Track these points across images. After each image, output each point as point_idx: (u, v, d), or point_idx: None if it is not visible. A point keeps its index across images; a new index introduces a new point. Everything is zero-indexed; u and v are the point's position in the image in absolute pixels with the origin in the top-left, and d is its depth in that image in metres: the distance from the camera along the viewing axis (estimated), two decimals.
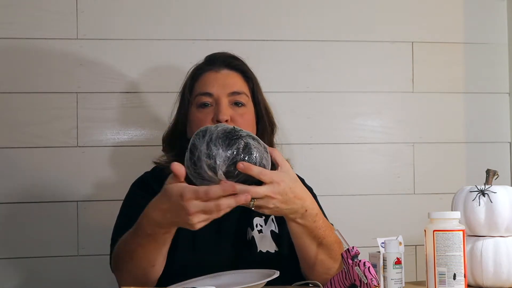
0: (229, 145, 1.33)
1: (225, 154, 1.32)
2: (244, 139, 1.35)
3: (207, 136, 1.35)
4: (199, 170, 1.33)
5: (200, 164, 1.33)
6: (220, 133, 1.35)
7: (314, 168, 2.21)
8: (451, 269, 1.43)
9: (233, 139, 1.34)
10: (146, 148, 2.12)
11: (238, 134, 1.35)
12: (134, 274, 1.49)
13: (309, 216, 1.47)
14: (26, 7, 2.12)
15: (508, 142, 2.35)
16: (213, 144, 1.33)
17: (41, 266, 2.09)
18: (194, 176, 1.35)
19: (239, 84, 1.72)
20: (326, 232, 1.53)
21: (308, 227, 1.49)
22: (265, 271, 1.46)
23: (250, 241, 1.66)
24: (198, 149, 1.33)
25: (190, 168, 1.35)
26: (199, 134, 1.36)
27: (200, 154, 1.33)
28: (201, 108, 1.69)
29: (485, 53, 2.35)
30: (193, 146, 1.35)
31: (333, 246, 1.55)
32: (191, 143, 1.36)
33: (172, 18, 2.19)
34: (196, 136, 1.36)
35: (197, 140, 1.35)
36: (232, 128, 1.36)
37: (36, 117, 2.11)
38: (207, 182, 1.34)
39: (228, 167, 1.32)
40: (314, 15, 2.26)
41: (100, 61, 2.14)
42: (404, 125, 2.31)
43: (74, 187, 2.11)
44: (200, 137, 1.35)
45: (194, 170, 1.34)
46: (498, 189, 1.57)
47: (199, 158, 1.33)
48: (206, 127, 1.38)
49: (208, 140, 1.34)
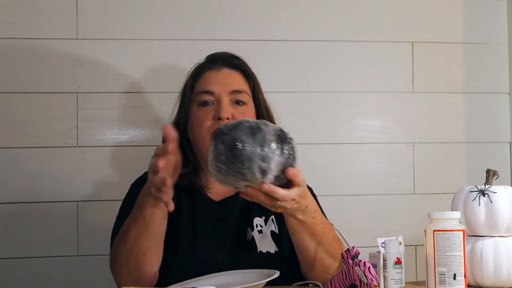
0: (282, 150, 1.29)
1: (279, 160, 1.29)
2: (292, 142, 1.31)
3: (258, 135, 1.28)
4: (245, 170, 1.27)
5: (250, 165, 1.26)
6: (272, 134, 1.29)
7: (314, 168, 2.21)
8: (451, 269, 1.43)
9: (284, 142, 1.30)
10: (146, 148, 2.12)
11: (287, 137, 1.31)
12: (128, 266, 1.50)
13: (308, 212, 1.48)
14: (26, 7, 2.12)
15: (508, 142, 2.35)
16: (267, 147, 1.27)
17: (41, 266, 2.09)
18: (230, 173, 1.28)
19: (240, 83, 1.73)
20: (325, 229, 1.53)
21: (307, 222, 1.49)
22: (265, 271, 1.46)
23: (250, 241, 1.66)
24: (248, 147, 1.26)
25: (229, 166, 1.27)
26: (245, 130, 1.28)
27: (251, 155, 1.26)
28: (202, 106, 1.69)
29: (485, 53, 2.35)
30: (240, 143, 1.26)
31: (332, 244, 1.55)
32: (235, 139, 1.27)
33: (172, 18, 2.19)
34: (241, 132, 1.28)
35: (245, 137, 1.27)
36: (280, 129, 1.32)
37: (36, 117, 2.11)
38: (240, 182, 1.30)
39: (279, 172, 1.30)
40: (314, 15, 2.26)
41: (100, 61, 2.14)
42: (404, 125, 2.31)
43: (74, 187, 2.11)
44: (248, 134, 1.27)
45: (237, 169, 1.27)
46: (498, 189, 1.58)
47: (249, 159, 1.26)
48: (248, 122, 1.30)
49: (261, 140, 1.27)
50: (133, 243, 1.49)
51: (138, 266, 1.50)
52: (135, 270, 1.51)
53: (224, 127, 1.32)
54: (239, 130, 1.28)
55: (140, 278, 1.51)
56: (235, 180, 1.30)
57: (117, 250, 1.54)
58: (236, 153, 1.26)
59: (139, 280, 1.51)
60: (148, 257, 1.50)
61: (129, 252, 1.50)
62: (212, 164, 1.31)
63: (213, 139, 1.32)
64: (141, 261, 1.50)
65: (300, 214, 1.47)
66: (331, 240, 1.55)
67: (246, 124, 1.30)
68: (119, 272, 1.54)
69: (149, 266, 1.51)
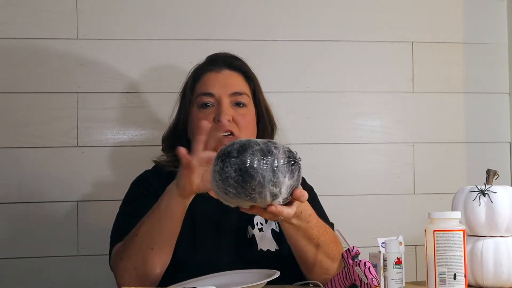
0: (291, 172, 1.26)
1: (289, 183, 1.26)
2: (299, 163, 1.29)
3: (269, 158, 1.24)
4: (255, 195, 1.24)
5: (261, 190, 1.23)
6: (282, 156, 1.25)
7: (314, 168, 2.21)
8: (452, 269, 1.43)
9: (294, 165, 1.27)
10: (146, 148, 2.12)
11: (296, 158, 1.28)
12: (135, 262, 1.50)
13: (303, 217, 1.47)
14: (26, 7, 2.12)
15: (508, 142, 2.35)
16: (279, 171, 1.24)
17: (41, 266, 2.09)
18: (238, 197, 1.25)
19: (240, 85, 1.72)
20: (321, 231, 1.53)
21: (301, 227, 1.49)
22: (266, 271, 1.46)
23: (250, 239, 1.66)
24: (259, 173, 1.22)
25: (239, 190, 1.24)
26: (256, 154, 1.24)
27: (263, 180, 1.22)
28: (203, 108, 1.69)
29: (485, 53, 2.35)
30: (251, 169, 1.22)
31: (330, 246, 1.55)
32: (246, 163, 1.23)
33: (172, 18, 2.19)
34: (252, 156, 1.23)
35: (256, 162, 1.23)
36: (289, 149, 1.29)
37: (36, 117, 2.11)
38: (247, 202, 1.27)
39: (288, 194, 1.28)
40: (314, 15, 2.26)
41: (100, 61, 2.14)
42: (404, 125, 2.30)
43: (74, 187, 2.11)
44: (259, 159, 1.23)
45: (248, 194, 1.24)
46: (498, 189, 1.58)
47: (261, 185, 1.22)
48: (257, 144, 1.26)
49: (274, 165, 1.23)
50: (143, 237, 1.49)
51: (144, 262, 1.50)
52: (141, 266, 1.50)
53: (231, 149, 1.26)
54: (249, 153, 1.24)
55: (144, 276, 1.50)
56: (242, 201, 1.28)
57: (126, 245, 1.53)
58: (247, 178, 1.23)
59: (142, 279, 1.50)
60: (155, 253, 1.49)
61: (139, 246, 1.50)
62: (218, 185, 1.27)
63: (219, 160, 1.27)
64: (148, 256, 1.49)
65: (294, 219, 1.46)
66: (329, 242, 1.55)
67: (256, 147, 1.25)
68: (124, 269, 1.53)
69: (155, 264, 1.50)
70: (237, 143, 1.27)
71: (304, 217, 1.48)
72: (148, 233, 1.49)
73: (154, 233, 1.49)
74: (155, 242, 1.49)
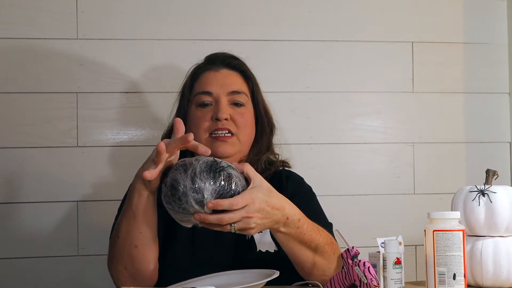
0: (214, 178, 1.33)
1: (212, 188, 1.33)
2: (227, 170, 1.35)
3: (189, 170, 1.34)
4: (184, 205, 1.33)
5: (187, 199, 1.33)
6: (203, 166, 1.34)
7: (313, 168, 2.21)
8: (451, 269, 1.43)
9: (217, 171, 1.34)
10: (146, 148, 2.12)
11: (220, 166, 1.35)
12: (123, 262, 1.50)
13: (291, 223, 1.45)
14: (26, 7, 2.12)
15: (508, 142, 2.35)
16: (198, 178, 1.33)
17: (41, 266, 2.09)
18: (177, 211, 1.35)
19: (238, 84, 1.73)
20: (313, 235, 1.50)
21: (292, 234, 1.47)
22: (265, 271, 1.46)
23: (249, 241, 1.65)
24: (181, 184, 1.33)
25: (172, 204, 1.35)
26: (179, 169, 1.35)
27: (185, 189, 1.32)
28: (201, 107, 1.70)
29: (485, 53, 2.35)
30: (175, 182, 1.34)
31: (324, 248, 1.53)
32: (171, 179, 1.35)
33: (172, 18, 2.19)
34: (176, 171, 1.35)
35: (178, 175, 1.34)
36: (213, 160, 1.36)
37: (36, 117, 2.11)
38: (189, 216, 1.35)
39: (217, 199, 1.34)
40: (314, 15, 2.26)
41: (100, 61, 2.14)
42: (404, 125, 2.31)
43: (74, 187, 2.11)
44: (181, 172, 1.34)
45: (179, 206, 1.34)
46: (498, 189, 1.58)
47: (184, 194, 1.32)
48: (183, 161, 1.37)
49: (192, 174, 1.33)
50: (124, 236, 1.49)
51: (131, 260, 1.49)
52: (130, 265, 1.50)
53: (167, 169, 1.39)
54: (174, 170, 1.36)
55: (136, 275, 1.50)
56: (184, 216, 1.36)
57: (112, 248, 1.54)
58: (174, 191, 1.34)
59: (136, 278, 1.50)
60: (140, 250, 1.49)
61: (122, 246, 1.50)
62: (163, 205, 1.39)
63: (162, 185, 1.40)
64: (134, 254, 1.49)
65: (282, 227, 1.45)
66: (323, 244, 1.53)
67: (180, 163, 1.37)
68: (116, 271, 1.53)
69: (144, 261, 1.49)
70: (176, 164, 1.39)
71: (293, 223, 1.45)
72: (127, 232, 1.48)
73: (133, 231, 1.47)
74: (136, 240, 1.48)
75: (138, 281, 1.50)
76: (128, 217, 1.47)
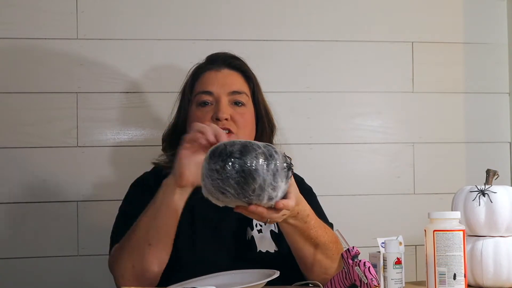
0: (287, 177, 1.29)
1: (284, 187, 1.29)
2: (293, 168, 1.31)
3: (272, 164, 1.25)
4: (252, 196, 1.25)
5: (260, 193, 1.25)
6: (281, 162, 1.27)
7: (313, 168, 2.21)
8: (451, 269, 1.43)
9: (290, 170, 1.29)
10: (146, 148, 2.12)
11: (291, 164, 1.30)
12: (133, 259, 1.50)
13: (300, 217, 1.47)
14: (26, 7, 2.12)
15: (508, 142, 2.35)
16: (279, 176, 1.26)
17: (41, 266, 2.09)
18: (233, 196, 1.25)
19: (239, 84, 1.73)
20: (319, 232, 1.53)
21: (299, 227, 1.49)
22: (265, 271, 1.46)
23: (249, 241, 1.66)
24: (261, 176, 1.23)
25: (236, 189, 1.24)
26: (259, 157, 1.24)
27: (264, 184, 1.24)
28: (201, 106, 1.70)
29: (485, 53, 2.35)
30: (255, 172, 1.23)
31: (329, 246, 1.55)
32: (245, 163, 1.23)
33: (172, 18, 2.19)
34: (255, 159, 1.24)
35: (259, 165, 1.24)
36: (285, 155, 1.30)
37: (36, 117, 2.11)
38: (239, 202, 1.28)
39: (281, 198, 1.31)
40: (313, 15, 2.26)
41: (100, 61, 2.14)
42: (404, 125, 2.30)
43: (74, 187, 2.11)
44: (262, 162, 1.24)
45: (245, 195, 1.25)
46: (498, 189, 1.58)
47: (262, 188, 1.24)
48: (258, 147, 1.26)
49: (274, 170, 1.25)
50: (141, 232, 1.50)
51: (142, 258, 1.50)
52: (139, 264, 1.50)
53: (232, 149, 1.25)
54: (253, 156, 1.24)
55: (141, 275, 1.50)
56: (236, 202, 1.29)
57: (124, 243, 1.54)
58: (250, 180, 1.23)
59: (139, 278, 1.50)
60: (153, 249, 1.49)
61: (136, 242, 1.50)
62: (215, 183, 1.26)
63: (219, 159, 1.25)
64: (146, 252, 1.49)
65: (291, 220, 1.47)
66: (328, 242, 1.55)
67: (259, 150, 1.25)
68: (122, 268, 1.52)
69: (154, 261, 1.50)
70: (237, 143, 1.27)
71: (302, 218, 1.47)
72: (146, 228, 1.50)
73: (151, 228, 1.49)
74: (152, 238, 1.49)
75: (140, 282, 1.50)
76: (150, 213, 1.50)
